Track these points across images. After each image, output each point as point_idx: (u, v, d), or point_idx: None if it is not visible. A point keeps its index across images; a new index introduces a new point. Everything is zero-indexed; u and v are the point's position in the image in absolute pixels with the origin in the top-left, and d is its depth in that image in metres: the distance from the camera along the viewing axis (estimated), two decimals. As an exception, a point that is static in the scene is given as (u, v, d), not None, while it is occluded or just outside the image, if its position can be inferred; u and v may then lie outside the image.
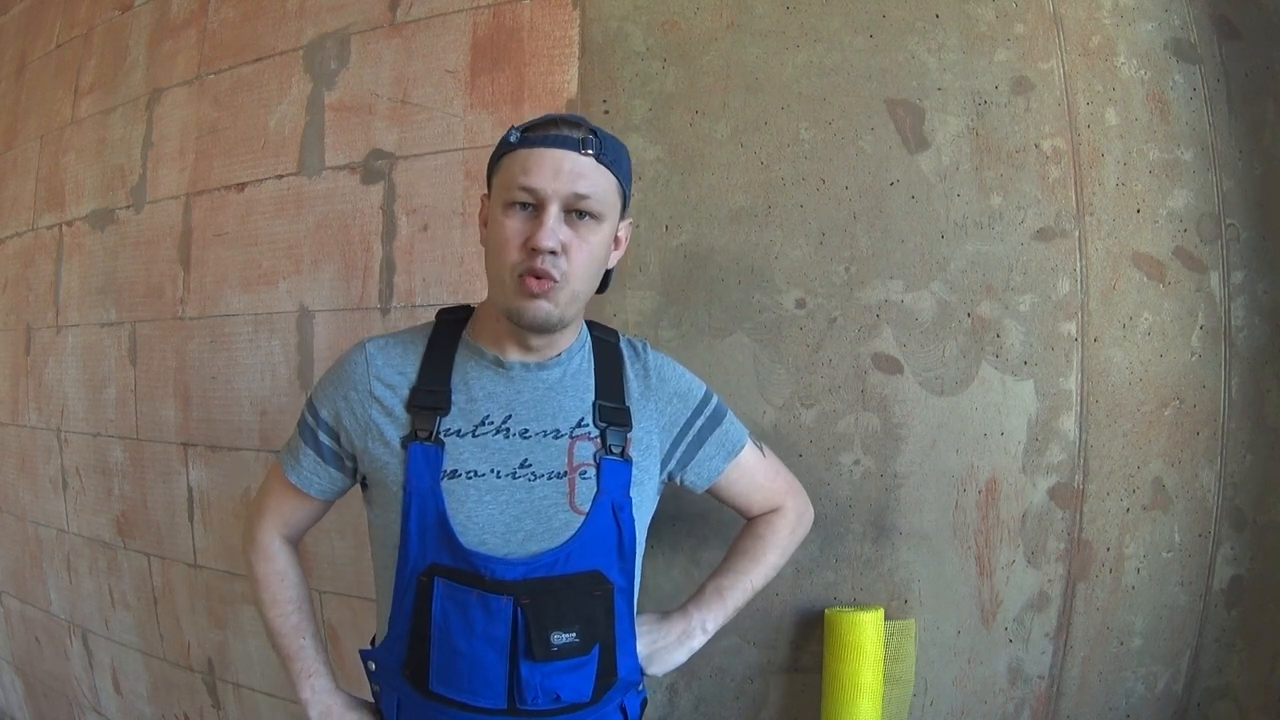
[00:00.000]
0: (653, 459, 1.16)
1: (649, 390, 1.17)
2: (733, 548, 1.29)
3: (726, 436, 1.23)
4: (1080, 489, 1.47)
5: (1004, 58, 1.49)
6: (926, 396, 1.49)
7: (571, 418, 1.11)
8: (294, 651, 1.18)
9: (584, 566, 1.07)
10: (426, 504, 1.04)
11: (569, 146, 1.03)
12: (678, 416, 1.19)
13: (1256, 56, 1.49)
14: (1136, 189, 1.47)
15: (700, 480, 1.23)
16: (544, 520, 1.07)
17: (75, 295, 2.25)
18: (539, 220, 1.01)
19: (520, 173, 1.02)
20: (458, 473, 1.06)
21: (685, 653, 1.21)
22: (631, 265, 1.58)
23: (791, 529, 1.29)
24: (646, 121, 1.59)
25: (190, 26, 2.05)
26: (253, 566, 1.20)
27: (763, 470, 1.27)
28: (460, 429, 1.07)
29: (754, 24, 1.56)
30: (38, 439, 2.37)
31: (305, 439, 1.15)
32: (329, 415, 1.12)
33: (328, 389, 1.14)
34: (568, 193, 1.02)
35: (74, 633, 2.33)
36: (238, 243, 1.91)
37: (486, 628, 1.03)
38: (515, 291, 1.02)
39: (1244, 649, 1.47)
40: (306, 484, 1.16)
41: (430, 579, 1.04)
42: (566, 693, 1.07)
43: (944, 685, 1.50)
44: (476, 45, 1.70)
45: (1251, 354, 1.46)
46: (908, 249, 1.49)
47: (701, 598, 1.24)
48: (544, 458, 1.08)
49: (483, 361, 1.11)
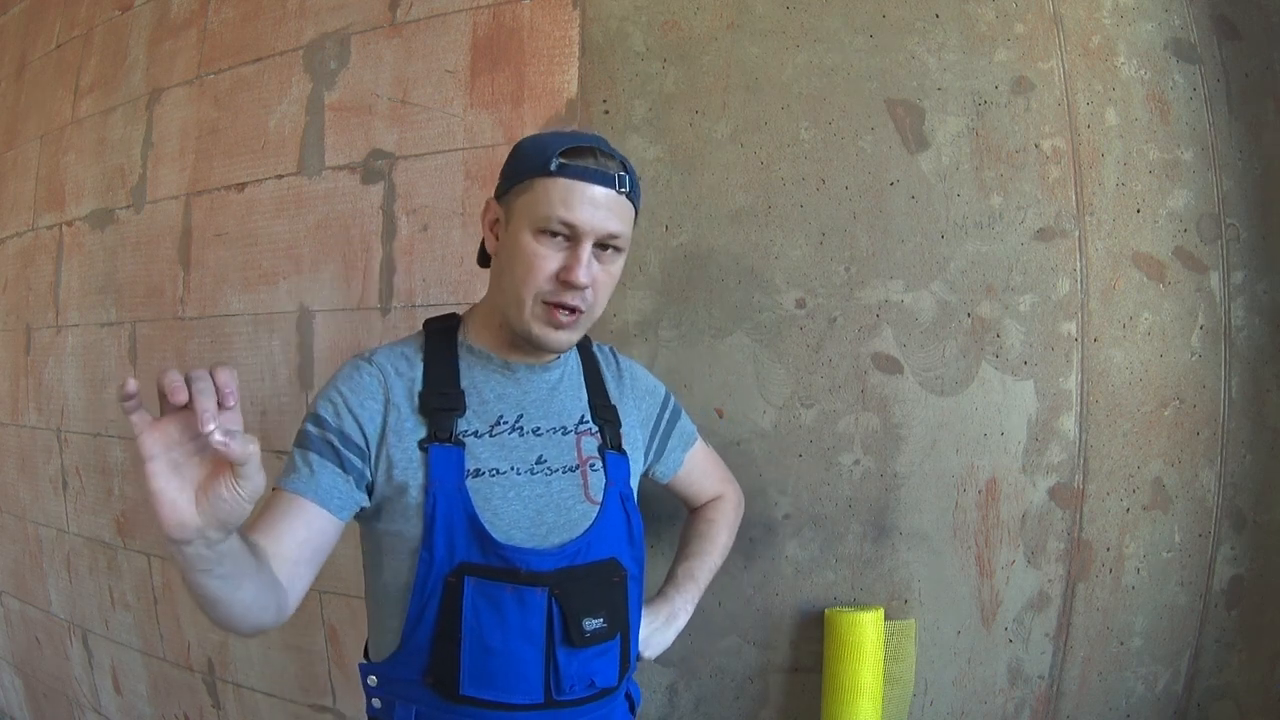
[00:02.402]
0: (639, 451, 1.25)
1: (624, 389, 1.25)
2: (689, 534, 1.39)
3: (685, 429, 1.34)
4: (1080, 489, 1.47)
5: (1004, 58, 1.49)
6: (926, 396, 1.49)
7: (574, 415, 1.17)
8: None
9: (603, 554, 1.11)
10: (454, 503, 1.04)
11: (608, 184, 1.04)
12: (651, 412, 1.29)
13: (1256, 56, 1.49)
14: (1136, 189, 1.47)
15: (667, 471, 1.33)
16: (564, 512, 1.10)
17: (75, 295, 2.25)
18: (574, 255, 1.03)
19: (560, 205, 1.02)
20: (480, 471, 1.07)
21: (673, 633, 1.28)
22: (631, 265, 1.58)
23: (735, 511, 1.42)
24: (646, 121, 1.59)
25: (190, 26, 2.05)
26: None
27: (709, 460, 1.39)
28: (477, 430, 1.09)
29: (754, 24, 1.56)
30: (38, 439, 2.37)
31: (321, 452, 1.03)
32: (351, 427, 1.05)
33: (340, 403, 1.06)
34: (604, 231, 1.04)
35: (74, 633, 2.33)
36: (238, 243, 1.91)
37: (522, 621, 1.04)
38: (540, 319, 1.06)
39: (1244, 649, 1.47)
40: (325, 498, 1.02)
41: (459, 579, 1.04)
42: (600, 678, 1.09)
43: (944, 685, 1.50)
44: (476, 45, 1.70)
45: (1251, 354, 1.46)
46: (908, 249, 1.50)
47: (676, 581, 1.32)
48: (556, 453, 1.13)
49: (489, 365, 1.13)
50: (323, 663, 1.84)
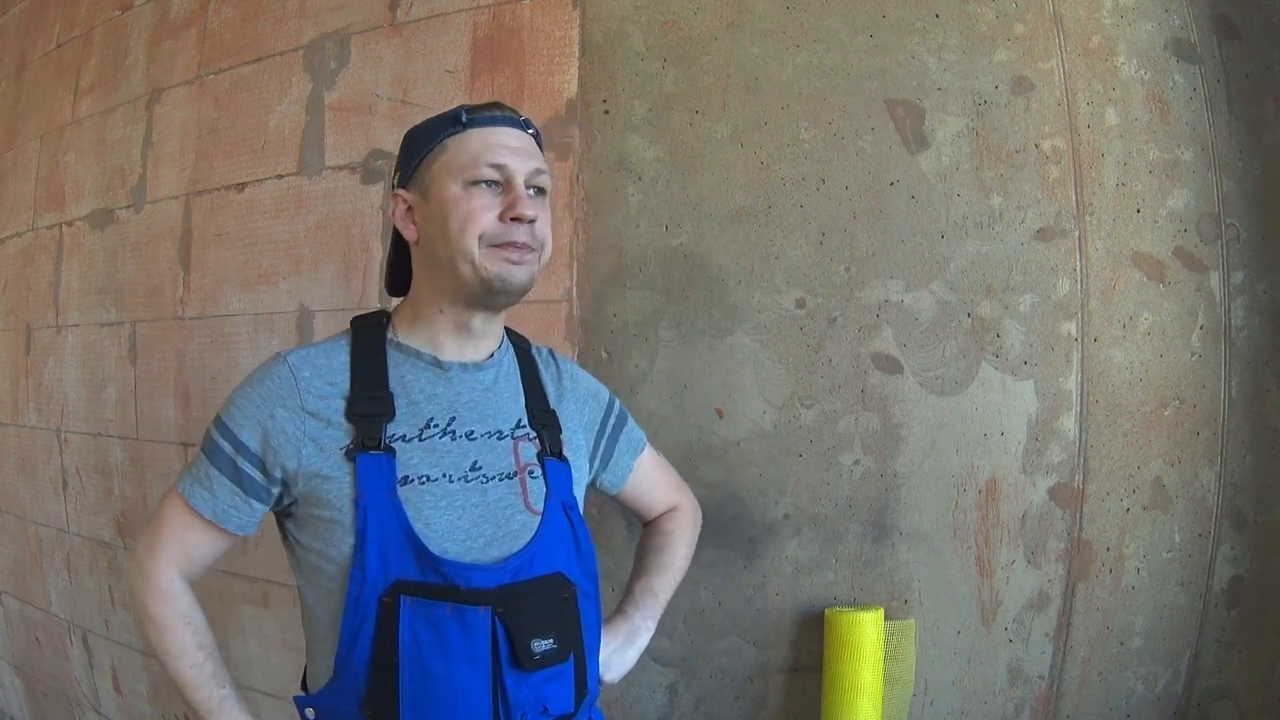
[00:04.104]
0: (583, 459, 1.17)
1: (564, 392, 1.18)
2: (644, 547, 1.32)
3: (632, 435, 1.27)
4: (1080, 489, 1.47)
5: (1004, 58, 1.49)
6: (926, 396, 1.49)
7: (510, 419, 1.09)
8: (215, 704, 1.04)
9: (548, 569, 1.03)
10: (385, 515, 0.97)
11: (518, 126, 1.06)
12: (595, 416, 1.22)
13: (1256, 57, 1.49)
14: (1136, 189, 1.47)
15: (616, 480, 1.26)
16: (502, 523, 1.03)
17: (75, 295, 2.25)
18: (511, 194, 1.01)
19: (484, 151, 1.02)
20: (409, 479, 1.00)
21: (636, 651, 1.22)
22: (631, 265, 1.58)
23: (693, 524, 1.34)
24: (646, 121, 1.59)
25: (190, 26, 2.05)
26: (149, 608, 1.05)
27: (660, 468, 1.32)
28: (406, 434, 1.02)
29: (754, 24, 1.56)
30: (38, 439, 2.37)
31: (221, 467, 1.02)
32: (253, 438, 1.01)
33: (248, 409, 1.02)
34: (530, 169, 1.04)
35: (74, 633, 2.33)
36: (238, 243, 1.91)
37: (465, 645, 0.96)
38: (494, 260, 1.00)
39: (1244, 649, 1.47)
40: (223, 517, 1.03)
41: (395, 599, 0.95)
42: (553, 704, 1.01)
43: (944, 685, 1.50)
44: (476, 45, 1.70)
45: (1251, 354, 1.46)
46: (908, 249, 1.50)
47: (634, 598, 1.25)
48: (492, 459, 1.05)
49: (419, 363, 1.07)
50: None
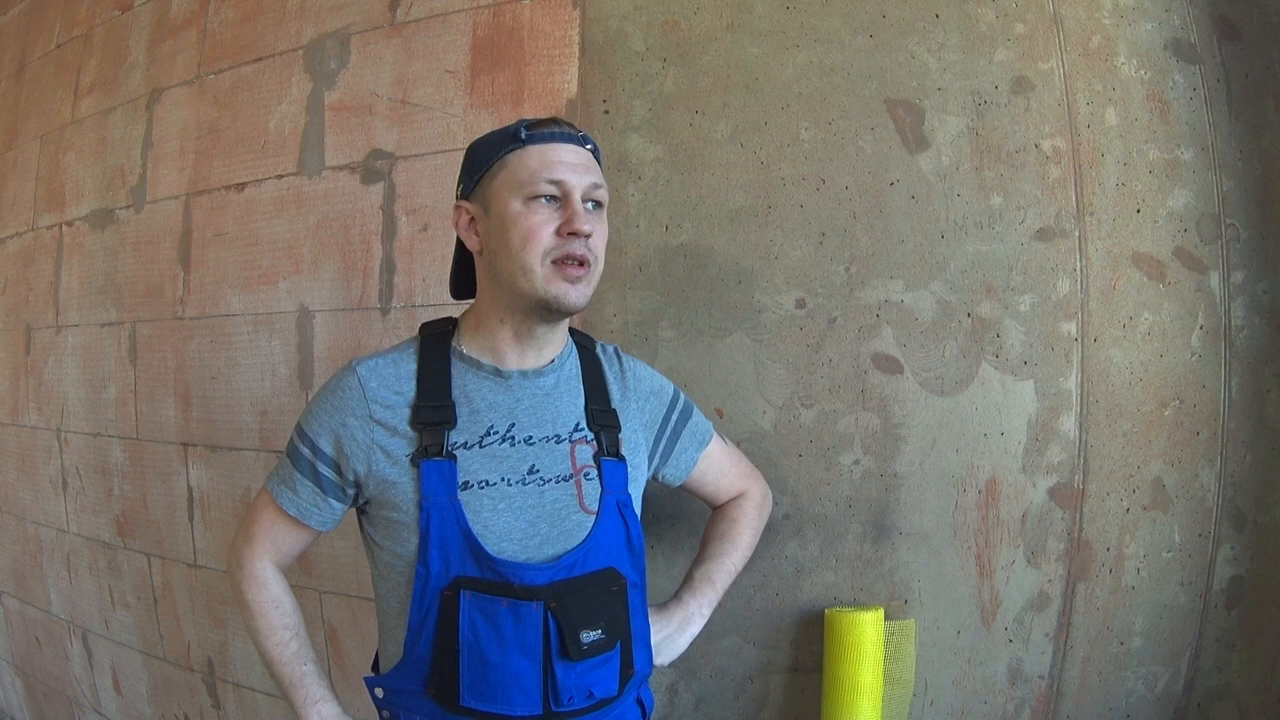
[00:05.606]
0: (642, 456, 1.22)
1: (628, 391, 1.23)
2: (709, 534, 1.36)
3: (697, 428, 1.31)
4: (1080, 489, 1.47)
5: (1004, 58, 1.49)
6: (926, 396, 1.49)
7: (569, 422, 1.15)
8: (296, 679, 1.16)
9: (600, 564, 1.10)
10: (446, 517, 1.05)
11: (576, 141, 1.10)
12: (656, 413, 1.26)
13: (1256, 57, 1.49)
14: (1136, 189, 1.47)
15: (679, 473, 1.30)
16: (557, 523, 1.09)
17: (75, 295, 2.25)
18: (569, 208, 1.05)
19: (542, 167, 1.06)
20: (469, 484, 1.07)
21: (688, 638, 1.27)
22: (631, 265, 1.58)
23: (759, 509, 1.38)
24: (646, 121, 1.59)
25: (190, 26, 2.05)
26: (245, 594, 1.17)
27: (728, 458, 1.36)
28: (467, 441, 1.09)
29: (754, 24, 1.56)
30: (38, 439, 2.37)
31: (302, 470, 1.12)
32: (328, 444, 1.10)
33: (323, 417, 1.11)
34: (588, 184, 1.07)
35: (74, 633, 2.33)
36: (238, 243, 1.91)
37: (518, 636, 1.04)
38: (553, 277, 1.05)
39: (1244, 649, 1.47)
40: (305, 515, 1.14)
41: (455, 593, 1.04)
42: (598, 688, 1.08)
43: (944, 685, 1.50)
44: (476, 45, 1.70)
45: (1251, 354, 1.46)
46: (908, 249, 1.50)
47: (692, 585, 1.30)
48: (549, 462, 1.11)
49: (481, 373, 1.13)
50: (322, 663, 1.83)
